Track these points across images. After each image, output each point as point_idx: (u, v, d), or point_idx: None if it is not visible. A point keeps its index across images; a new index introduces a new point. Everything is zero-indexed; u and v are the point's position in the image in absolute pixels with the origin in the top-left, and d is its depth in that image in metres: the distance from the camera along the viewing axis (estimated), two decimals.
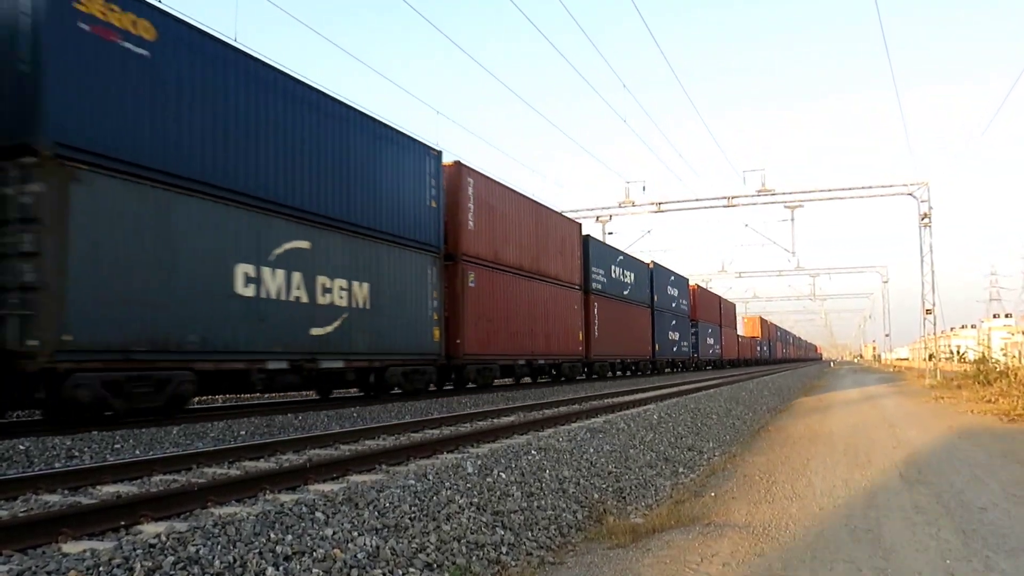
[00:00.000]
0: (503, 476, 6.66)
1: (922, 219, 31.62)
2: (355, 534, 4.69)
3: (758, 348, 76.31)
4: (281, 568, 4.05)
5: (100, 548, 4.01)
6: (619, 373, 32.25)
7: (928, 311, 31.78)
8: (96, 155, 9.33)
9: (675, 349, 40.78)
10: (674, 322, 40.76)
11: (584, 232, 27.87)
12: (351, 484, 6.11)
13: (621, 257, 32.03)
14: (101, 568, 3.72)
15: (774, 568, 4.83)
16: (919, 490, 7.45)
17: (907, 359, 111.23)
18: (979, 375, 24.55)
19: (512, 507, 5.98)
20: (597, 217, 34.84)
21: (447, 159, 17.83)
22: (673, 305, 40.77)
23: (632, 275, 33.22)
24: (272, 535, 4.41)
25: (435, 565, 4.65)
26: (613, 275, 30.52)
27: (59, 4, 8.98)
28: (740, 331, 67.95)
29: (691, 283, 47.10)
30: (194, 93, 10.77)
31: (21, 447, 8.07)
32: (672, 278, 41.24)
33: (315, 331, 13.00)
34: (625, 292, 31.96)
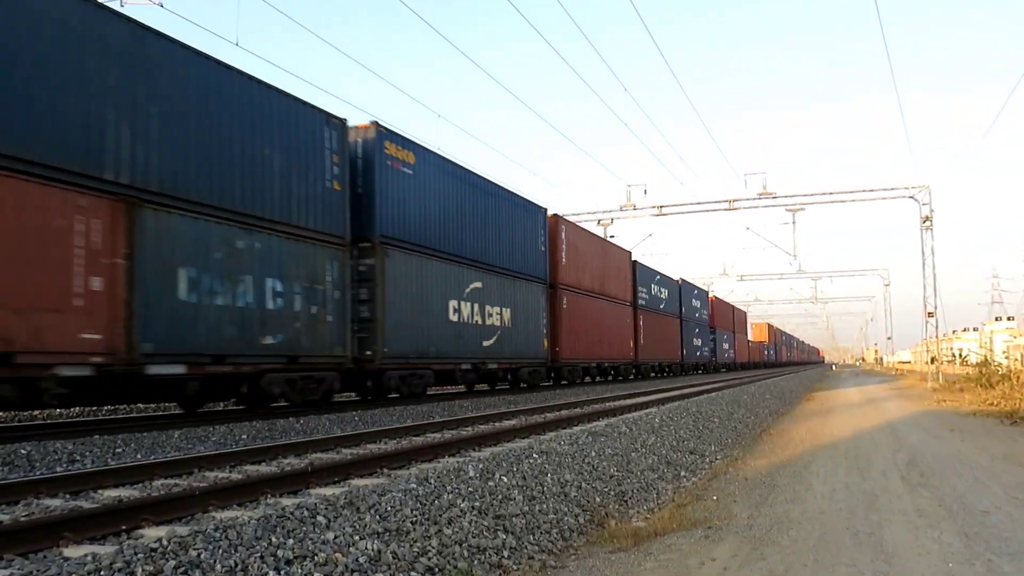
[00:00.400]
0: (505, 480, 6.66)
1: (923, 222, 31.61)
2: (357, 538, 4.68)
3: (766, 352, 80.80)
4: (282, 572, 4.05)
5: (101, 552, 4.01)
6: (654, 375, 37.57)
7: (930, 314, 31.75)
8: (394, 239, 15.29)
9: (698, 353, 45.89)
10: (697, 330, 45.93)
11: (629, 257, 33.30)
12: (353, 488, 6.11)
13: (658, 277, 38.14)
14: (102, 572, 3.72)
15: (776, 572, 4.82)
16: (921, 493, 7.44)
17: (909, 362, 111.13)
18: (981, 378, 24.50)
19: (514, 510, 5.98)
20: (599, 220, 34.84)
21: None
22: (696, 315, 45.96)
23: (666, 291, 39.17)
24: (273, 539, 4.41)
25: (437, 569, 4.65)
26: (652, 292, 36.40)
27: (380, 150, 14.92)
28: (750, 336, 72.58)
29: (710, 295, 52.34)
30: (434, 192, 16.97)
31: (23, 451, 8.08)
32: (695, 291, 47.06)
33: (485, 343, 19.07)
34: (661, 306, 37.92)
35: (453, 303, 17.50)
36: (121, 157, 9.91)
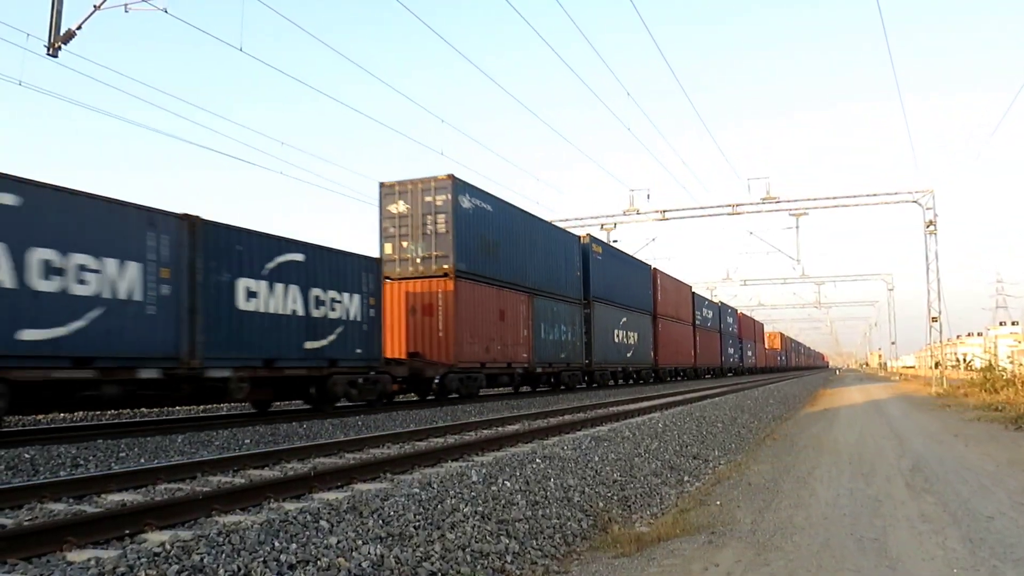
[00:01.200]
0: (508, 484, 6.65)
1: (927, 226, 31.56)
2: (360, 543, 4.68)
3: (778, 358, 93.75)
4: None
5: (105, 556, 4.02)
6: (707, 376, 48.75)
7: (934, 319, 31.67)
8: (598, 297, 29.36)
9: (730, 360, 57.85)
10: (730, 341, 57.87)
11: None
12: (356, 492, 6.11)
13: (706, 302, 51.06)
14: None
15: None
16: (925, 499, 7.41)
17: (913, 367, 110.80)
18: (986, 383, 24.44)
19: (517, 515, 5.97)
20: (602, 225, 34.86)
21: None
22: (730, 329, 57.96)
23: (711, 312, 51.69)
24: (276, 544, 4.41)
25: (440, 574, 4.65)
26: (703, 314, 48.45)
27: (591, 250, 29.12)
28: (766, 345, 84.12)
29: (739, 312, 62.99)
30: (611, 270, 31.22)
31: (27, 455, 8.10)
32: (729, 310, 59.05)
33: (627, 355, 32.85)
34: (708, 324, 49.97)
35: (616, 331, 31.42)
36: (528, 275, 23.62)
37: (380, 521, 5.11)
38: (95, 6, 12.88)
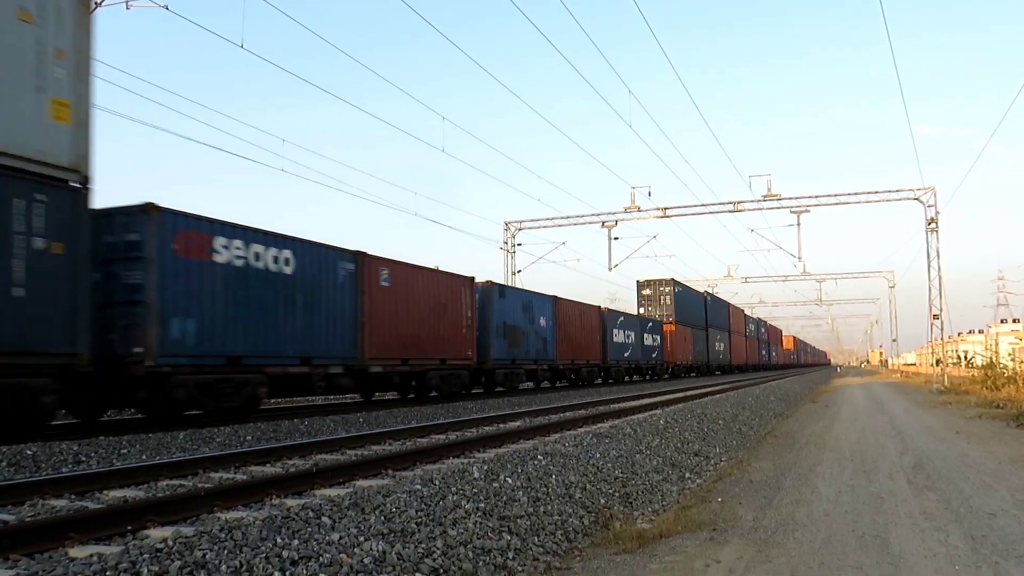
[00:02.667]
0: (509, 481, 6.65)
1: (929, 224, 31.53)
2: (361, 539, 4.68)
3: (791, 356, 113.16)
4: (288, 573, 4.05)
5: (107, 553, 4.02)
6: (751, 371, 63.47)
7: (935, 316, 31.65)
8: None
9: (762, 359, 76.29)
10: (761, 344, 76.26)
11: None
12: (357, 489, 6.11)
13: (751, 319, 71.07)
14: (108, 572, 3.72)
15: (782, 574, 4.80)
16: (927, 496, 7.41)
17: (914, 364, 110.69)
18: (987, 380, 24.44)
19: (518, 512, 5.97)
20: (603, 223, 34.84)
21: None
22: (762, 336, 77.50)
23: (752, 325, 70.79)
24: (279, 540, 4.41)
25: (442, 570, 4.65)
26: (748, 327, 68.00)
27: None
28: (783, 346, 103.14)
29: (767, 323, 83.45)
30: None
31: (28, 452, 8.10)
32: (761, 321, 79.28)
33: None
34: (749, 333, 68.19)
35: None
36: None
37: (382, 517, 5.11)
38: (96, 3, 12.88)
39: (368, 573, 4.30)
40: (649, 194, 34.03)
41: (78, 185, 9.70)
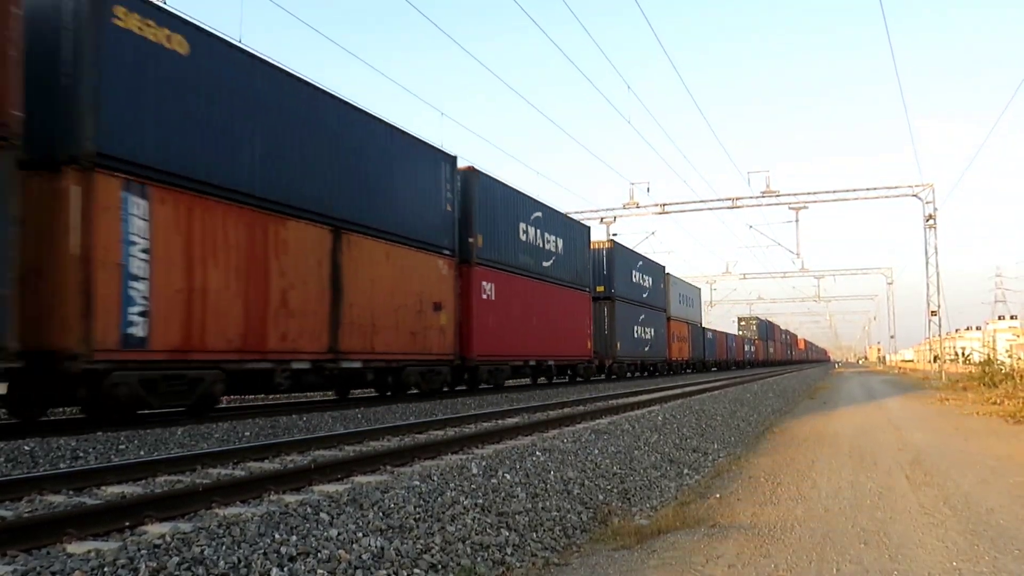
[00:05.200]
0: (507, 477, 6.65)
1: (927, 220, 31.56)
2: (360, 535, 4.67)
3: (803, 354, 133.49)
4: (286, 569, 4.04)
5: (105, 549, 4.01)
6: (780, 367, 70.36)
7: (933, 312, 31.70)
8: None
9: (787, 357, 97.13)
10: (786, 347, 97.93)
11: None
12: (356, 485, 6.10)
13: (784, 330, 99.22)
14: (106, 569, 3.71)
15: (780, 570, 4.80)
16: (925, 492, 7.42)
17: (912, 361, 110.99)
18: (984, 377, 24.46)
19: (517, 508, 5.97)
20: (601, 219, 34.84)
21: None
22: (787, 341, 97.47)
23: (784, 336, 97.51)
24: (277, 536, 4.40)
25: (440, 566, 4.64)
26: (781, 335, 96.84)
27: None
28: (798, 346, 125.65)
29: (795, 334, 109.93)
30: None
31: (26, 447, 8.08)
32: (784, 328, 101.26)
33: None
34: (782, 340, 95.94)
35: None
36: None
37: (380, 513, 5.11)
38: None
39: (366, 569, 4.29)
40: (648, 190, 34.07)
41: None
